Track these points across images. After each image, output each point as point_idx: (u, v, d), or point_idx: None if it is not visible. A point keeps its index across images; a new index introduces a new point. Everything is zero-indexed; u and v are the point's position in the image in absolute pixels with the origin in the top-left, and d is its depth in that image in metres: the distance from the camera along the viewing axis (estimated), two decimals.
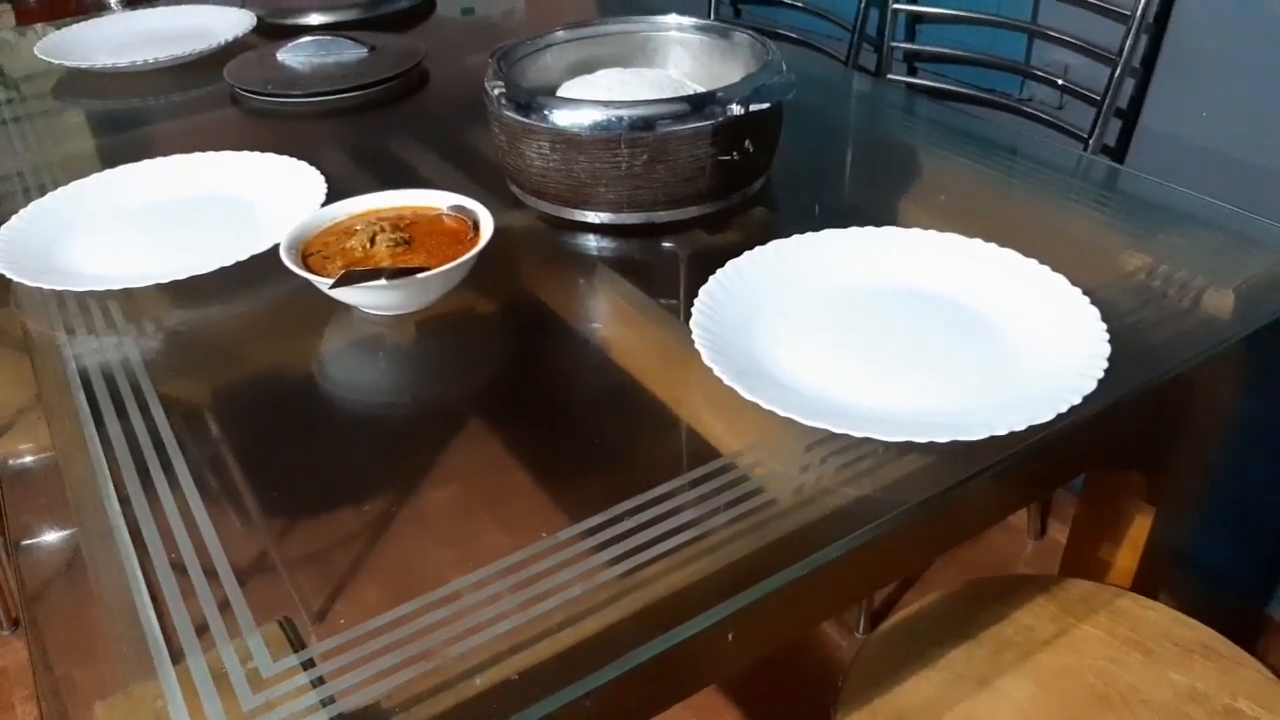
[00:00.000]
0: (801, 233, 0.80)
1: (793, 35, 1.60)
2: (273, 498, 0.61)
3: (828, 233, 0.80)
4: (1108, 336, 0.66)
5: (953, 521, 0.65)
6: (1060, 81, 1.27)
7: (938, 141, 1.03)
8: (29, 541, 0.59)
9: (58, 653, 0.52)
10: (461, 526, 0.58)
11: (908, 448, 0.60)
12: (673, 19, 1.01)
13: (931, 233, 0.80)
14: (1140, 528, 0.84)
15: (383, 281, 0.72)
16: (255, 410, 0.70)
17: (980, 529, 0.73)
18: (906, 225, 0.81)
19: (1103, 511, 0.87)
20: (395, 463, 0.64)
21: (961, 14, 1.37)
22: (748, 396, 0.62)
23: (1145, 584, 0.86)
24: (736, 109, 0.82)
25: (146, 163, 1.00)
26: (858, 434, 0.60)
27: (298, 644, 0.51)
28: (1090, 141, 1.21)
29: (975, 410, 0.62)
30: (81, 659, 0.51)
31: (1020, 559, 1.49)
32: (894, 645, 0.79)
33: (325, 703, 0.47)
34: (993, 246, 0.77)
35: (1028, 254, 0.76)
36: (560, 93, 0.94)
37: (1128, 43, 1.15)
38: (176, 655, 0.50)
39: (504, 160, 0.91)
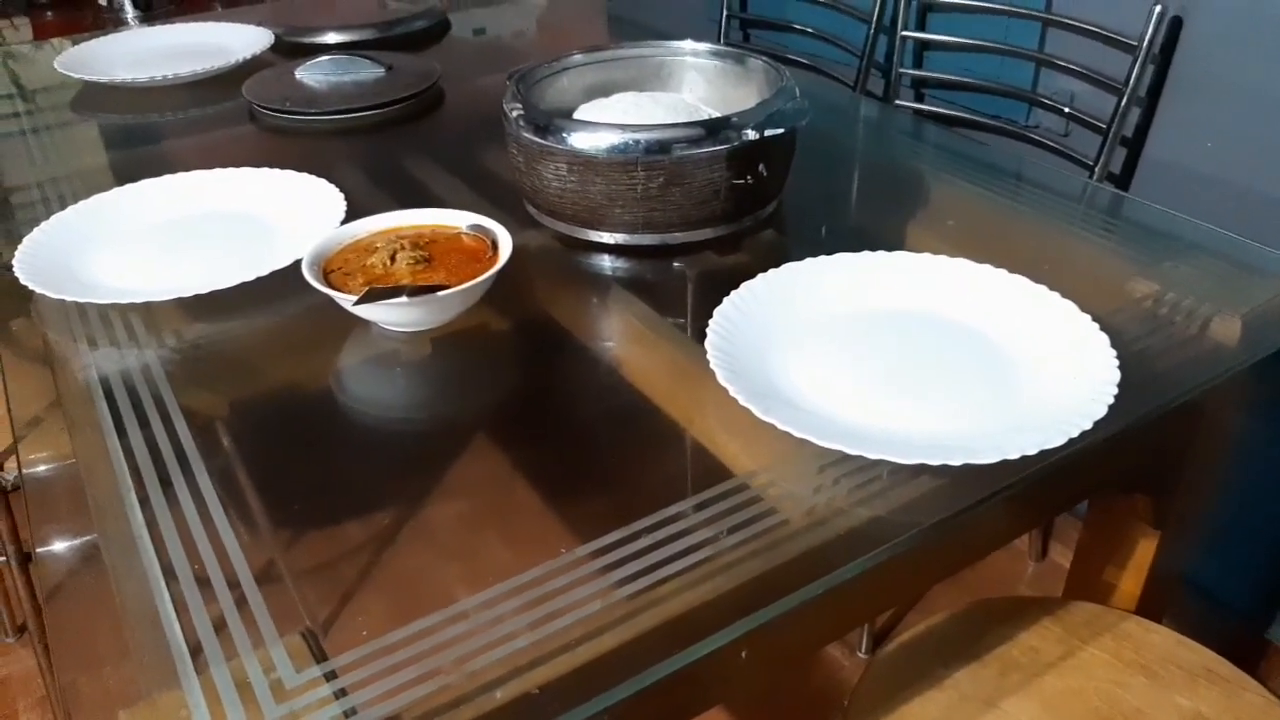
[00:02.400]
0: (813, 256, 0.81)
1: (802, 60, 1.62)
2: (294, 510, 0.62)
3: (840, 256, 0.81)
4: (1117, 363, 0.67)
5: (964, 544, 0.65)
6: (1066, 109, 1.28)
7: (946, 167, 1.03)
8: (42, 550, 0.60)
9: (68, 662, 0.52)
10: (479, 542, 0.59)
11: (921, 470, 0.60)
12: (688, 44, 1.03)
13: (942, 258, 0.80)
14: (1145, 551, 0.85)
15: (404, 299, 0.73)
16: (276, 423, 0.70)
17: (989, 551, 0.73)
18: (917, 250, 0.82)
19: (1108, 535, 0.88)
20: (412, 477, 0.64)
21: (969, 42, 1.38)
22: (762, 417, 0.63)
23: (1149, 607, 0.87)
24: (751, 134, 0.83)
25: (167, 177, 1.00)
26: (872, 455, 0.60)
27: (320, 655, 0.51)
28: (1096, 169, 1.22)
29: (987, 434, 0.63)
30: (92, 668, 0.51)
31: (1022, 580, 1.49)
32: (900, 666, 0.79)
33: (348, 714, 0.48)
34: (1002, 272, 0.78)
35: (1036, 280, 0.76)
36: (576, 115, 0.95)
37: (1134, 72, 1.16)
38: (200, 665, 0.51)
39: (521, 180, 0.92)
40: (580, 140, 0.83)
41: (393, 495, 0.62)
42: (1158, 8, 1.12)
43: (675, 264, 0.87)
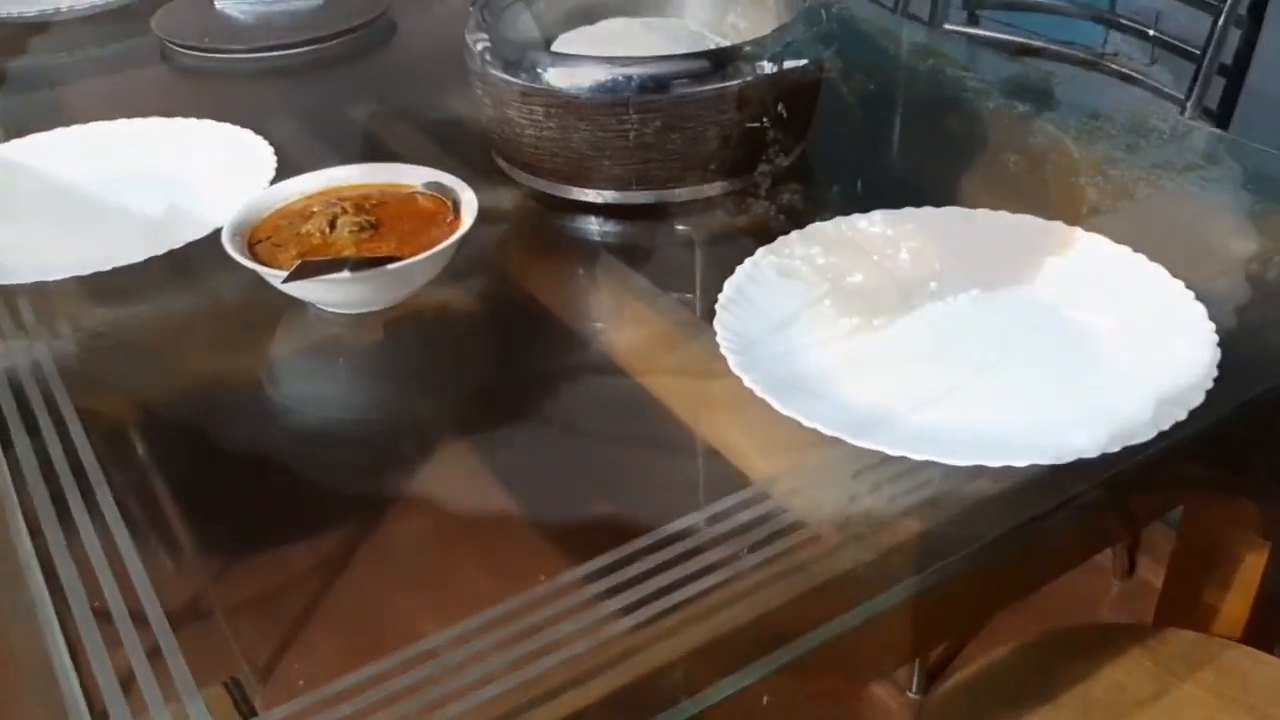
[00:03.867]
0: (845, 215, 0.80)
1: None
2: (216, 533, 0.62)
3: (876, 214, 0.81)
4: (1216, 339, 0.66)
5: (1032, 562, 0.65)
6: (1151, 33, 1.27)
7: (1005, 104, 1.03)
8: None
9: None
10: (441, 568, 0.59)
11: (978, 473, 0.59)
12: None
13: (1001, 214, 0.80)
14: (1253, 567, 0.84)
15: (346, 274, 0.72)
16: (194, 427, 0.70)
17: (1064, 570, 0.73)
18: (970, 205, 0.81)
19: (1207, 547, 0.87)
20: (361, 491, 0.64)
21: None
22: (784, 411, 0.62)
23: (1258, 634, 0.86)
24: (767, 67, 0.82)
25: (60, 131, 1.00)
26: (917, 456, 0.59)
27: (246, 709, 0.50)
28: (1187, 104, 1.21)
29: (1058, 428, 0.62)
30: None
31: (1104, 603, 1.49)
32: (957, 708, 0.79)
33: None
34: (1076, 231, 0.77)
35: (1118, 240, 0.76)
36: (556, 47, 0.94)
37: None
38: None
39: (489, 128, 0.91)
40: (559, 77, 0.82)
41: (341, 512, 0.62)
42: None
43: (678, 227, 0.86)
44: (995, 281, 0.76)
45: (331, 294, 0.75)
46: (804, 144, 0.93)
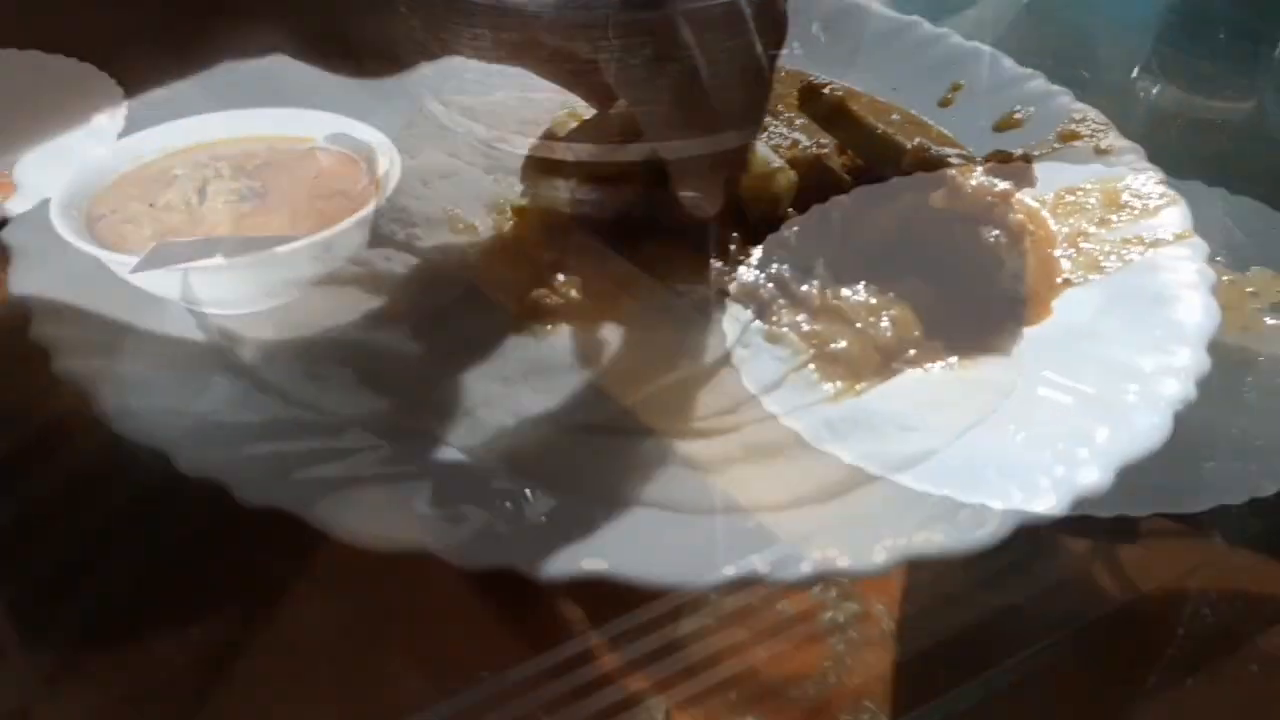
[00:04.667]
0: (904, 173, 0.81)
1: None
2: (50, 622, 0.62)
3: (944, 176, 0.81)
4: None
5: (1169, 644, 0.65)
6: None
7: (1120, 17, 1.03)
8: None
9: None
10: (357, 663, 0.59)
11: (1083, 526, 0.60)
12: None
13: (1120, 173, 0.80)
14: None
15: (219, 260, 0.73)
16: (16, 472, 0.71)
17: (1220, 654, 0.73)
18: (1082, 160, 0.82)
19: None
20: (250, 560, 0.64)
21: None
22: (816, 445, 0.63)
23: None
24: None
25: None
26: (998, 505, 0.59)
27: None
28: None
29: (1193, 461, 0.62)
30: None
31: None
32: None
33: None
34: (1218, 193, 0.79)
35: (1274, 206, 0.76)
36: None
37: None
38: None
39: (419, 61, 0.91)
40: None
41: (218, 587, 0.63)
42: None
43: (677, 193, 0.86)
44: None
45: (201, 288, 0.76)
46: (849, 79, 0.94)
